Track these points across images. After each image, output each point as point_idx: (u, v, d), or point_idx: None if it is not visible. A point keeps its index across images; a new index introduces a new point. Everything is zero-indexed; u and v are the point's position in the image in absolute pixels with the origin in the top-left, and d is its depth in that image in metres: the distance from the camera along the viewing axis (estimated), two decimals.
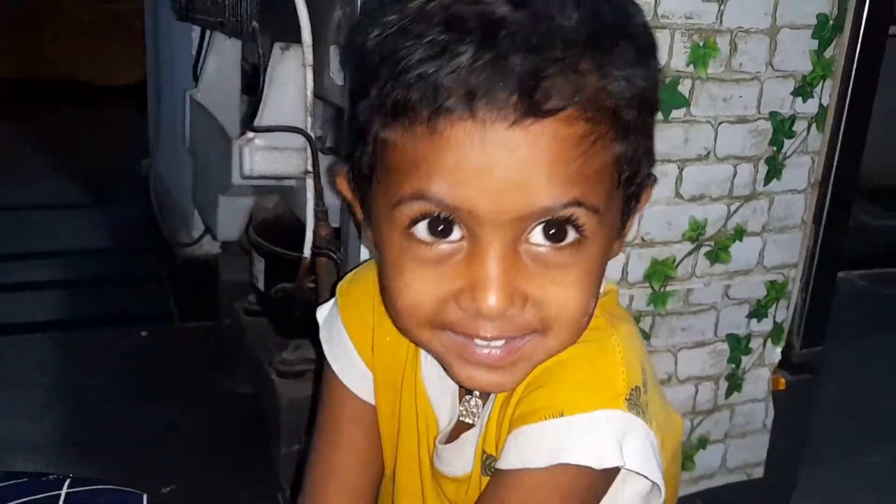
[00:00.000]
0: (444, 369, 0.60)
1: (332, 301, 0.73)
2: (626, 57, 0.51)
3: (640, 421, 0.55)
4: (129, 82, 5.01)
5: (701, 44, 1.19)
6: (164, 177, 2.43)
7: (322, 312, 0.73)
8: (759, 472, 1.49)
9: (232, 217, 1.39)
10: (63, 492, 0.73)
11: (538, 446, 0.55)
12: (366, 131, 0.54)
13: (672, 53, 1.18)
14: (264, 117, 1.16)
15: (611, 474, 0.57)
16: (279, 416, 1.34)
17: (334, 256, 1.13)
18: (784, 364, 1.45)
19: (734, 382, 1.40)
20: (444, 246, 0.53)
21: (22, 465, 1.50)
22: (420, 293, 0.54)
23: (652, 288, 1.30)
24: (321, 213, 1.13)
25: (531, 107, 0.48)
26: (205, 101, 1.52)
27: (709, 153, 1.26)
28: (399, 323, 0.58)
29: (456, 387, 0.66)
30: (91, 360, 1.90)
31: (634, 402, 0.55)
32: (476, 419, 0.63)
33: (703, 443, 1.42)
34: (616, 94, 0.51)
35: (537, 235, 0.53)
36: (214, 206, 1.37)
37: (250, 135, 1.17)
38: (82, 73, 5.05)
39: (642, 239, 1.26)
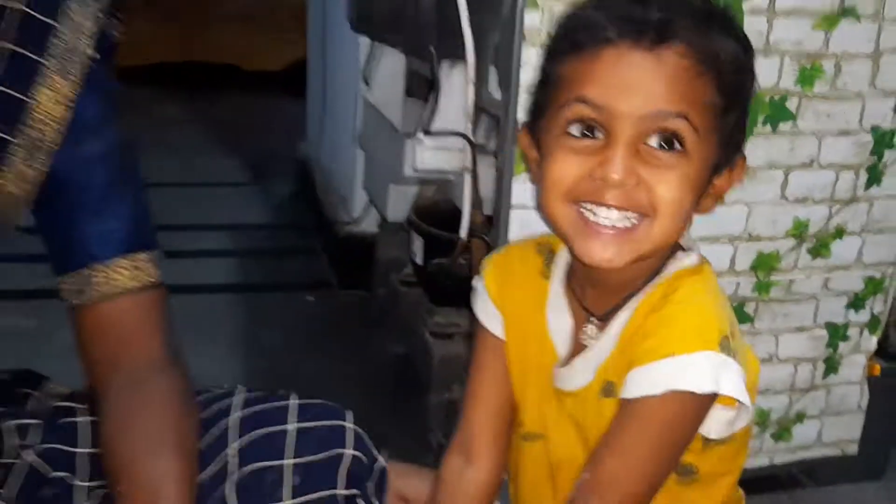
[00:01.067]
0: (570, 249, 0.80)
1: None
2: (728, 36, 0.75)
3: (731, 359, 0.73)
4: (277, 68, 5.45)
5: (808, 66, 1.37)
6: (324, 160, 2.76)
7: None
8: (853, 449, 1.64)
9: (399, 202, 1.66)
10: (292, 401, 0.95)
11: (654, 380, 0.73)
12: (546, 74, 0.78)
13: (781, 74, 1.36)
14: (433, 122, 1.42)
15: (709, 401, 0.75)
16: (431, 370, 1.61)
17: (486, 239, 1.38)
18: (880, 352, 1.61)
19: (831, 365, 1.57)
20: (587, 142, 0.74)
21: None
22: (563, 170, 0.75)
23: (757, 277, 1.48)
24: (477, 203, 1.38)
25: (657, 39, 0.71)
26: (375, 101, 1.80)
27: (813, 161, 1.43)
28: (545, 201, 0.78)
29: (572, 322, 0.85)
30: (264, 318, 2.22)
31: (725, 347, 0.74)
32: (592, 341, 0.83)
33: (800, 417, 1.59)
34: (716, 51, 0.74)
35: (653, 141, 0.73)
36: (385, 193, 1.65)
37: (421, 136, 1.43)
38: (234, 57, 5.49)
39: (749, 234, 1.45)
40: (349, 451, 0.91)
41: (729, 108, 0.76)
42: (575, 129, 0.75)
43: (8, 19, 0.81)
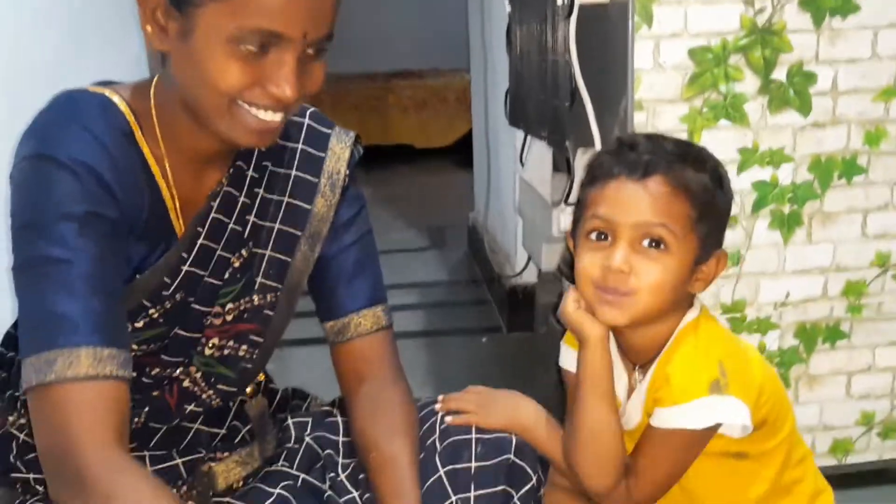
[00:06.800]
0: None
1: None
2: (698, 170, 1.04)
3: (720, 397, 1.01)
4: (446, 144, 6.11)
5: (872, 130, 1.70)
6: (490, 226, 3.25)
7: None
8: None
9: (551, 256, 2.09)
10: None
11: (665, 419, 1.04)
12: (579, 199, 1.11)
13: (850, 138, 1.70)
14: (572, 194, 1.86)
15: (709, 430, 1.04)
16: None
17: None
18: None
19: None
20: (601, 243, 1.04)
21: None
22: (587, 263, 1.05)
23: (848, 300, 1.79)
24: None
25: (644, 172, 1.02)
26: (529, 178, 2.26)
27: (887, 204, 1.74)
28: (577, 282, 1.09)
29: (626, 375, 1.12)
30: (447, 357, 2.70)
31: (715, 388, 1.01)
32: (639, 384, 1.11)
33: None
34: (687, 180, 1.02)
35: (645, 242, 1.02)
36: (540, 250, 2.08)
37: (563, 206, 1.88)
38: (408, 138, 6.18)
39: (837, 266, 1.77)
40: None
41: (701, 218, 1.04)
42: (593, 236, 1.06)
43: (290, 154, 1.10)
